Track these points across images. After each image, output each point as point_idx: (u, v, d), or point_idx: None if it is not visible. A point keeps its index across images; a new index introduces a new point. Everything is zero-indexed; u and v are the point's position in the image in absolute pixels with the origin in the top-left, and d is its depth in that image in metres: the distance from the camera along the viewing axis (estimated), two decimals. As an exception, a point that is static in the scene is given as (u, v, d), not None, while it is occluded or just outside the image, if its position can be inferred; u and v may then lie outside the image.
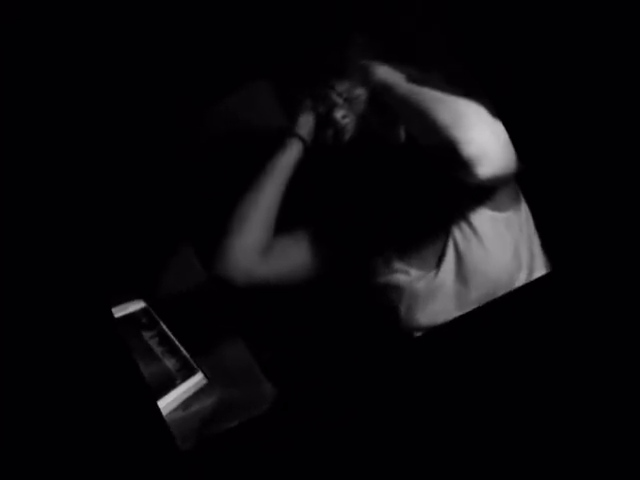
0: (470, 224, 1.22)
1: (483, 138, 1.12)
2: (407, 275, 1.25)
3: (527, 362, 1.12)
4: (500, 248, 1.20)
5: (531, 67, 1.13)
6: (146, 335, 1.37)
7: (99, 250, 1.22)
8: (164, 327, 1.42)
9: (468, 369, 1.12)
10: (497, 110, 1.13)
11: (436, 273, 1.23)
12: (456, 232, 1.22)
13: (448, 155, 1.12)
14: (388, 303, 1.27)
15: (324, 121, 1.27)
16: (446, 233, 1.23)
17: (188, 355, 1.41)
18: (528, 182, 1.18)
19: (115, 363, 1.15)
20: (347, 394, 1.14)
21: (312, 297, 1.33)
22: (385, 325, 1.27)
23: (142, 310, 1.41)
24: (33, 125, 1.16)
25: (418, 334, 1.25)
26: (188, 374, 1.39)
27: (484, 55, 1.14)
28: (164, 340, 1.40)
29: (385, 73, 1.22)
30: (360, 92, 1.25)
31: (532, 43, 1.13)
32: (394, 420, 1.12)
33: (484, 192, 1.20)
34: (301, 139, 1.28)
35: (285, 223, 1.29)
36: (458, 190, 1.19)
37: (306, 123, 1.28)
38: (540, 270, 1.21)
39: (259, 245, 1.26)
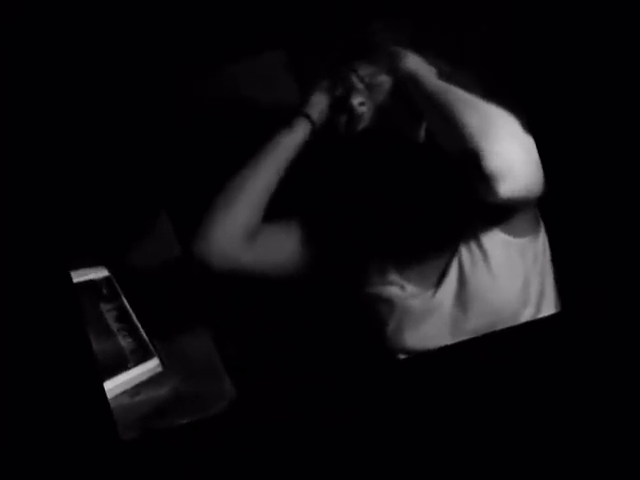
0: (480, 245, 1.17)
1: (510, 152, 1.06)
2: (402, 290, 1.21)
3: (517, 407, 1.07)
4: (509, 277, 1.16)
5: (574, 85, 1.09)
6: (104, 307, 1.33)
7: (64, 204, 1.16)
8: (125, 302, 1.39)
9: (451, 405, 1.07)
10: (530, 125, 1.08)
11: (434, 293, 1.19)
12: (463, 251, 1.18)
13: (469, 165, 1.06)
14: (376, 317, 1.23)
15: (339, 105, 1.21)
16: (452, 251, 1.18)
17: (146, 337, 1.38)
18: (551, 209, 1.13)
19: (64, 332, 1.09)
20: (310, 405, 1.10)
21: (294, 294, 1.30)
22: (369, 340, 1.24)
23: (104, 279, 1.37)
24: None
25: (403, 356, 1.21)
26: (143, 358, 1.35)
27: (526, 65, 1.10)
28: (123, 316, 1.37)
29: (415, 64, 1.17)
30: (384, 80, 1.20)
31: (577, 62, 1.09)
32: (357, 440, 1.08)
33: (502, 212, 1.15)
34: (310, 120, 1.22)
35: (278, 210, 1.23)
36: (474, 205, 1.13)
37: (318, 104, 1.23)
38: (548, 309, 1.17)
39: (245, 229, 1.21)
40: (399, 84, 1.18)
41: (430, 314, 1.18)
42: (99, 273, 1.36)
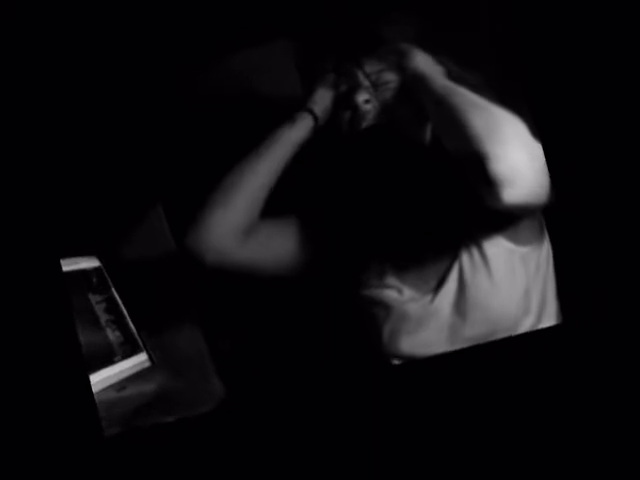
0: (482, 252, 1.15)
1: (516, 157, 1.03)
2: (399, 294, 1.19)
3: (515, 416, 1.04)
4: (510, 285, 1.14)
5: (583, 91, 1.06)
6: (93, 298, 1.32)
7: (58, 193, 1.15)
8: (115, 294, 1.38)
9: (445, 413, 1.05)
10: (539, 130, 1.05)
11: (432, 298, 1.17)
12: (464, 257, 1.16)
13: (474, 168, 1.04)
14: (372, 320, 1.21)
15: (343, 102, 1.20)
16: (453, 256, 1.16)
17: (135, 331, 1.38)
18: (557, 218, 1.10)
19: (51, 322, 1.08)
20: (301, 406, 1.07)
21: (288, 293, 1.30)
22: (363, 343, 1.23)
23: (94, 269, 1.37)
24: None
25: (397, 362, 1.19)
26: (131, 352, 1.35)
27: (536, 68, 1.07)
28: (112, 308, 1.36)
29: (423, 63, 1.16)
30: (391, 78, 1.19)
31: (587, 67, 1.06)
32: (349, 443, 1.05)
33: (505, 219, 1.13)
34: (313, 116, 1.21)
35: (276, 207, 1.22)
36: (477, 210, 1.11)
37: (322, 99, 1.22)
38: (549, 320, 1.15)
39: (241, 224, 1.19)
40: (406, 83, 1.17)
41: (427, 320, 1.16)
42: (90, 263, 1.35)
